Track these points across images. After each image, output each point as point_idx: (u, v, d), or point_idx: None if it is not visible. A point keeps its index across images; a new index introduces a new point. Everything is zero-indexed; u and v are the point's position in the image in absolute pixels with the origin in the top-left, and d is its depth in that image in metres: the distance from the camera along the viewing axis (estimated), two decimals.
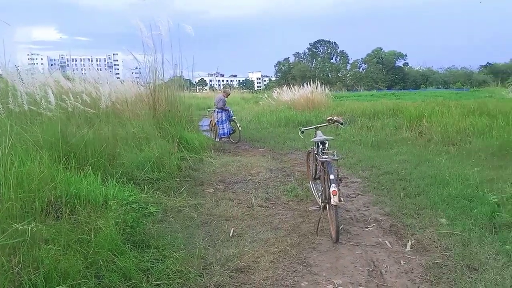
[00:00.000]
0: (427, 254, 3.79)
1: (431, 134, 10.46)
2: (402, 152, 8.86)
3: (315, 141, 5.03)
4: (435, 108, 13.03)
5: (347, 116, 14.70)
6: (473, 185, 5.70)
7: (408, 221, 4.66)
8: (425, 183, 6.09)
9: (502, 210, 4.52)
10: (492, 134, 9.36)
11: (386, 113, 14.67)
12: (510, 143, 8.10)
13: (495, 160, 7.48)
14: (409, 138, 10.68)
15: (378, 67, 75.41)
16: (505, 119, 10.57)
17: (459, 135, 10.01)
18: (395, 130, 12.04)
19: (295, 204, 5.54)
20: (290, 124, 14.42)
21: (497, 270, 3.30)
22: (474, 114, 12.26)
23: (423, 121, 11.61)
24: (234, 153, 9.60)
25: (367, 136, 11.03)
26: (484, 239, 3.96)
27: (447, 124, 10.64)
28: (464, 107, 13.34)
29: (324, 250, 4.01)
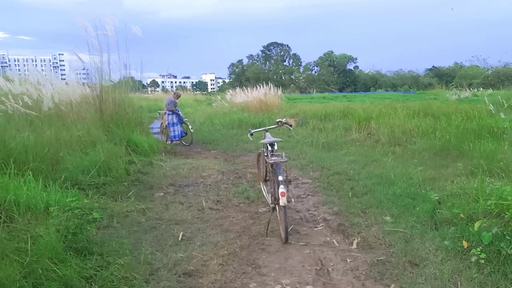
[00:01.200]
0: (372, 251, 3.93)
1: (379, 135, 10.88)
2: (351, 153, 9.15)
3: (264, 143, 5.08)
4: (383, 110, 13.59)
5: (299, 118, 14.98)
6: (417, 184, 5.98)
7: (355, 219, 4.82)
8: (372, 183, 6.32)
9: (442, 207, 4.78)
10: (435, 135, 9.87)
11: (337, 115, 15.07)
12: (451, 143, 8.58)
13: (437, 159, 7.89)
14: (358, 139, 11.04)
15: (329, 70, 77.42)
16: (447, 120, 11.20)
17: (404, 136, 10.48)
18: (345, 131, 12.40)
19: (246, 206, 5.57)
20: (243, 126, 14.48)
21: (436, 264, 3.48)
22: (419, 115, 12.91)
23: (371, 123, 12.07)
24: (186, 156, 9.51)
25: (319, 137, 11.29)
26: (425, 235, 4.16)
27: (393, 126, 11.11)
28: (410, 109, 13.99)
29: (273, 251, 4.06)
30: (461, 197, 4.92)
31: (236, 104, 19.99)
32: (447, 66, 77.19)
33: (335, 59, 79.59)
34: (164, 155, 9.09)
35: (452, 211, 4.48)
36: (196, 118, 17.89)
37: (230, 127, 14.64)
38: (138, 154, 8.13)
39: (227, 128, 14.60)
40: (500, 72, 60.28)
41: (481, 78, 58.71)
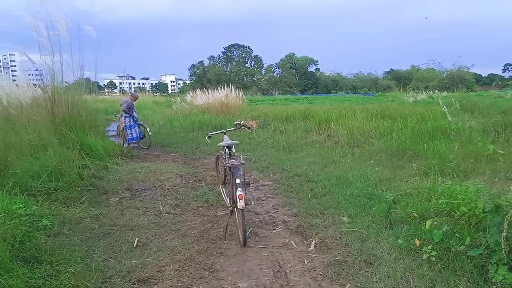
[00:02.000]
0: (329, 252, 4.00)
1: (338, 136, 11.14)
2: (311, 154, 9.29)
3: (221, 146, 5.07)
4: (342, 112, 13.91)
5: (261, 120, 15.05)
6: (373, 184, 6.15)
7: (313, 221, 4.89)
8: (331, 184, 6.45)
9: (397, 206, 4.94)
10: (392, 136, 10.20)
11: (298, 117, 15.26)
12: (407, 144, 8.90)
13: (394, 160, 8.15)
14: (318, 141, 11.24)
15: (291, 72, 78.49)
16: (403, 122, 11.61)
17: (363, 137, 10.77)
18: (306, 133, 12.59)
19: (205, 210, 5.53)
20: (204, 128, 14.38)
21: (390, 263, 3.59)
22: (377, 117, 13.31)
23: (331, 125, 12.33)
24: (143, 159, 9.32)
25: (280, 139, 11.40)
26: (380, 234, 4.28)
27: (352, 127, 11.40)
28: (369, 111, 14.40)
29: (231, 254, 4.05)
30: (415, 197, 5.11)
31: (197, 106, 19.81)
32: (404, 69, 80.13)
33: (297, 61, 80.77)
34: (121, 158, 8.87)
35: (406, 211, 4.65)
36: (155, 120, 17.60)
37: (190, 130, 14.50)
38: (93, 158, 7.89)
39: (187, 130, 14.45)
40: (454, 75, 63.19)
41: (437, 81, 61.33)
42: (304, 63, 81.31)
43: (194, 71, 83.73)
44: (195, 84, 71.38)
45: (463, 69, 65.95)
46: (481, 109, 15.02)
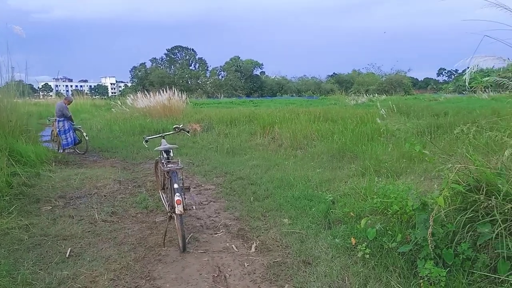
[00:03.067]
0: (269, 254, 4.05)
1: (282, 139, 11.32)
2: (255, 157, 9.38)
3: (159, 150, 4.98)
4: (286, 115, 14.17)
5: (204, 123, 14.96)
6: (314, 186, 6.32)
7: (255, 223, 4.93)
8: (273, 186, 6.53)
9: (336, 207, 5.11)
10: (334, 138, 10.53)
11: (242, 120, 15.34)
12: (347, 146, 9.22)
13: (334, 161, 8.41)
14: (262, 143, 11.37)
15: (236, 75, 78.78)
16: (344, 124, 12.04)
17: (306, 140, 11.03)
18: (250, 136, 12.69)
19: (144, 216, 5.40)
20: (145, 132, 13.99)
21: (327, 262, 3.70)
22: (319, 120, 13.69)
23: (275, 128, 12.51)
24: (80, 165, 8.94)
25: (224, 142, 11.39)
26: (319, 234, 4.40)
27: (296, 130, 11.64)
28: (311, 114, 14.77)
29: (170, 261, 3.98)
30: (352, 197, 5.32)
31: (138, 109, 19.30)
32: (346, 73, 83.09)
33: (242, 64, 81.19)
34: (55, 165, 8.44)
35: (344, 210, 4.82)
36: (93, 124, 16.92)
37: (130, 134, 14.09)
38: (23, 165, 7.45)
39: (128, 134, 14.03)
40: (392, 79, 66.50)
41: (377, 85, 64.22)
42: (249, 66, 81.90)
43: (135, 73, 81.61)
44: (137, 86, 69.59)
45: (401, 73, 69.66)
46: (416, 112, 15.89)
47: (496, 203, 3.03)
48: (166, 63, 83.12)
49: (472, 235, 3.15)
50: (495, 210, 3.02)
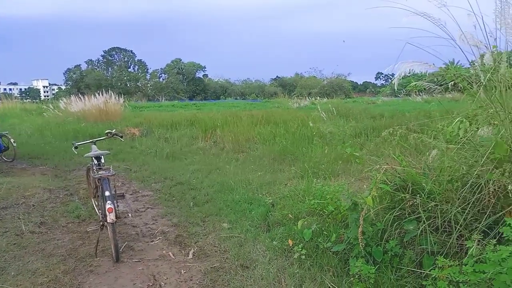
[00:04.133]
0: (207, 260, 4.04)
1: (224, 143, 11.33)
2: (196, 161, 9.31)
3: (89, 157, 4.80)
4: (228, 119, 14.20)
5: (144, 128, 14.63)
6: (254, 189, 6.38)
7: (193, 229, 4.89)
8: (213, 191, 6.53)
9: (275, 209, 5.19)
10: (276, 141, 10.71)
11: (183, 123, 15.17)
12: (288, 149, 9.41)
13: (275, 164, 8.55)
14: (204, 147, 11.30)
15: (178, 77, 77.73)
16: (285, 127, 12.28)
17: (248, 143, 11.13)
18: (192, 140, 12.56)
19: (76, 226, 5.18)
20: (80, 137, 13.43)
21: (264, 265, 3.75)
22: (262, 123, 13.86)
23: (217, 131, 12.50)
24: (6, 173, 8.40)
25: (163, 147, 11.19)
26: (258, 237, 4.46)
27: (238, 133, 11.69)
28: (254, 117, 14.92)
29: (103, 272, 3.85)
30: (291, 199, 5.43)
31: (72, 113, 18.47)
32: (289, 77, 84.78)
33: (184, 67, 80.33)
34: None
35: (282, 213, 4.92)
36: (23, 129, 15.98)
37: (63, 139, 13.42)
38: None
39: (60, 140, 13.37)
40: (333, 82, 68.89)
41: (318, 88, 66.21)
42: (191, 69, 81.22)
43: (70, 76, 78.09)
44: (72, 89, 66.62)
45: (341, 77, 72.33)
46: (355, 114, 16.54)
47: (420, 201, 3.24)
48: (103, 65, 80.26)
49: (399, 233, 3.34)
50: (419, 208, 3.22)
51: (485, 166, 3.13)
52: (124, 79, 76.80)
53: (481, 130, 3.57)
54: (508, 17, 3.72)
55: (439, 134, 3.81)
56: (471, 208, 3.09)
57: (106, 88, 25.51)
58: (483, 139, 3.35)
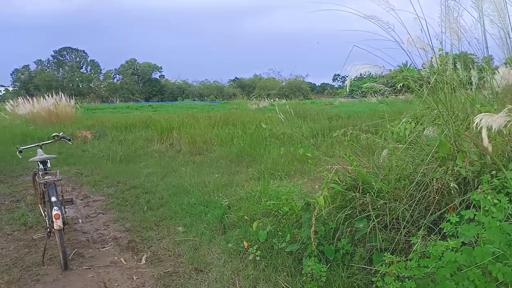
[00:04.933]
0: (160, 265, 4.00)
1: (181, 145, 11.25)
2: (151, 164, 9.18)
3: (34, 161, 4.64)
4: (185, 120, 14.09)
5: (96, 130, 14.25)
6: (211, 191, 6.37)
7: (147, 234, 4.83)
8: (168, 194, 6.46)
9: (231, 211, 5.21)
10: (233, 143, 10.74)
11: (138, 125, 14.93)
12: (246, 150, 9.47)
13: (233, 166, 8.57)
14: (159, 150, 11.17)
15: (133, 78, 76.11)
16: (243, 129, 12.33)
17: (205, 145, 11.10)
18: (147, 142, 12.39)
19: (22, 234, 4.98)
20: (28, 140, 12.90)
21: (219, 268, 3.76)
22: (220, 125, 13.85)
23: (174, 133, 12.38)
24: None
25: (117, 150, 10.94)
26: (213, 240, 4.46)
27: (195, 135, 11.63)
28: (212, 119, 14.89)
29: (50, 280, 3.73)
30: (248, 200, 5.48)
31: (20, 116, 17.72)
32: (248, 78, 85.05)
33: (139, 68, 78.78)
34: None
35: (238, 215, 4.95)
36: None
37: (10, 143, 12.81)
38: None
39: (6, 144, 12.75)
40: (292, 83, 69.88)
41: (277, 89, 66.92)
42: (147, 69, 79.72)
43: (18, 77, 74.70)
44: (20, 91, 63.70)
45: (300, 78, 73.43)
46: (312, 115, 16.84)
47: (370, 200, 3.36)
48: (53, 65, 77.25)
49: (350, 231, 3.45)
50: (369, 206, 3.34)
51: (430, 164, 3.29)
52: (76, 80, 74.24)
53: (427, 130, 3.75)
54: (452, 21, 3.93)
55: (389, 134, 3.98)
56: (417, 205, 3.24)
57: (57, 89, 24.68)
58: (428, 138, 3.52)
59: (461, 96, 3.86)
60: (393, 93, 4.80)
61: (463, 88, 4.37)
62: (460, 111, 3.67)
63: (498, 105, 3.49)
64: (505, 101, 3.52)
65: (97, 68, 78.77)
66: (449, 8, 3.87)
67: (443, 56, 4.19)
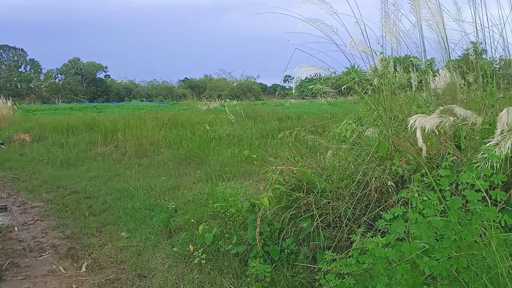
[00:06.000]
0: (102, 272, 3.90)
1: (126, 147, 10.99)
2: (94, 168, 8.92)
3: None
4: (131, 122, 13.78)
5: (35, 133, 13.65)
6: (157, 195, 6.29)
7: (88, 240, 4.69)
8: (112, 198, 6.31)
9: (178, 215, 5.17)
10: (182, 144, 10.64)
11: (81, 127, 14.47)
12: (194, 152, 9.41)
13: (181, 168, 8.50)
14: (103, 153, 10.87)
15: (77, 78, 73.19)
16: (192, 130, 12.26)
17: (152, 147, 10.92)
18: (90, 145, 12.03)
19: None
20: None
21: (163, 273, 3.72)
22: (168, 126, 13.69)
23: (119, 135, 12.08)
24: None
25: (58, 153, 10.53)
26: (158, 245, 4.41)
27: (141, 137, 11.41)
28: (159, 120, 14.66)
29: None
30: (195, 203, 5.46)
31: None
32: (198, 78, 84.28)
33: (83, 67, 76.00)
34: None
35: (185, 218, 4.92)
36: None
37: None
38: None
39: None
40: (243, 84, 70.11)
41: (228, 90, 66.90)
42: (91, 69, 76.93)
43: None
44: None
45: (251, 79, 73.86)
46: (263, 116, 17.00)
47: (314, 199, 3.46)
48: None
49: (295, 231, 3.53)
50: (313, 206, 3.44)
51: (370, 164, 3.44)
52: (14, 80, 70.35)
53: (368, 131, 3.92)
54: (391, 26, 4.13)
55: (334, 135, 4.11)
56: (358, 203, 3.37)
57: None
58: (368, 139, 3.68)
59: (400, 98, 4.07)
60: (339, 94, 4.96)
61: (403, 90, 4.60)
62: (399, 112, 3.86)
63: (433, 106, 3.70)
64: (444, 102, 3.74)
65: (38, 67, 74.96)
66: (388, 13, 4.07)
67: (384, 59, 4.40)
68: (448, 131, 3.32)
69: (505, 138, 2.45)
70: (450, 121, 2.80)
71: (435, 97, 4.18)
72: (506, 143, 2.41)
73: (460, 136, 3.23)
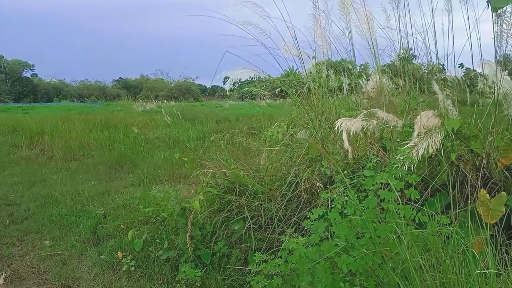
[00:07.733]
0: (22, 284, 3.71)
1: (53, 150, 10.49)
2: (16, 173, 8.42)
3: None
4: (59, 123, 13.20)
5: None
6: (85, 200, 6.06)
7: (8, 251, 4.43)
8: (36, 205, 6.00)
9: (107, 221, 5.03)
10: (114, 147, 10.33)
11: (3, 130, 13.65)
12: (127, 155, 9.17)
13: (112, 172, 8.25)
14: (28, 156, 10.31)
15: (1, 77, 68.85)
16: (125, 132, 11.94)
17: (82, 150, 10.51)
18: (14, 149, 11.38)
19: None
20: None
21: (89, 282, 3.60)
22: (99, 128, 13.24)
23: (45, 138, 11.52)
24: None
25: None
26: (84, 253, 4.25)
27: (69, 140, 10.97)
28: (90, 122, 14.15)
29: None
30: (125, 208, 5.33)
31: None
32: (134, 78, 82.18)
33: (7, 65, 71.59)
34: None
35: (114, 224, 4.79)
36: None
37: None
38: None
39: None
40: (181, 85, 69.37)
41: (166, 91, 65.87)
42: (17, 67, 72.67)
43: None
44: None
45: (189, 80, 73.18)
46: (201, 118, 16.94)
47: (246, 202, 3.51)
48: None
49: (227, 233, 3.56)
50: (245, 208, 3.49)
51: (301, 166, 3.56)
52: None
53: (300, 133, 4.04)
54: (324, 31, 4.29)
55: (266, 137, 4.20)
56: (290, 204, 3.47)
57: None
58: (300, 141, 3.80)
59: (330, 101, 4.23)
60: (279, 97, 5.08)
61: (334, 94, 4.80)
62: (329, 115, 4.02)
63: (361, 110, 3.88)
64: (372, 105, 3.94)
65: None
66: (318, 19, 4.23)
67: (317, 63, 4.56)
68: (376, 133, 3.51)
69: (421, 140, 2.64)
70: (373, 124, 2.97)
71: (367, 100, 4.40)
72: (423, 145, 2.60)
73: (385, 138, 3.43)
